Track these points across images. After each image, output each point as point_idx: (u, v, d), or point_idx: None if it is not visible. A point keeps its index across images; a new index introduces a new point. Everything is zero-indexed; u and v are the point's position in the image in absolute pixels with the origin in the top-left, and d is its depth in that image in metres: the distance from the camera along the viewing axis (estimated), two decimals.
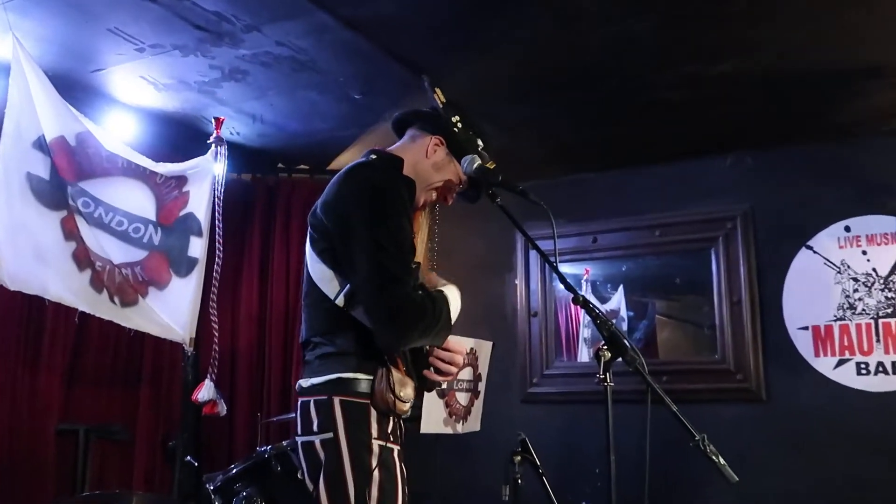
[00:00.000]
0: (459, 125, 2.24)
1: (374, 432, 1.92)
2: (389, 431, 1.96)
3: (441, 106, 2.26)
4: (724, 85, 3.66)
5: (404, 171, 2.16)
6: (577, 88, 3.77)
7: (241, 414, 4.53)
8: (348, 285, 1.97)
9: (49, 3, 3.05)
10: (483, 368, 4.63)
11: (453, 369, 2.13)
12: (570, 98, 3.89)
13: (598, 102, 3.93)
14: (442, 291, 2.03)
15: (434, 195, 2.23)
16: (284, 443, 3.61)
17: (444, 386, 2.31)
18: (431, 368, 2.10)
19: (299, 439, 1.99)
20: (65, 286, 3.23)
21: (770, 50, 3.34)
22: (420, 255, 2.14)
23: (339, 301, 1.99)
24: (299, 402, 2.01)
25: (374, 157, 2.17)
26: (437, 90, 2.29)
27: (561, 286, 5.05)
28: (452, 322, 2.03)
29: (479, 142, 2.26)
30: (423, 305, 1.90)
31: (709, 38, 3.24)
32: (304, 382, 2.01)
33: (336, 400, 1.93)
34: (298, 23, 3.15)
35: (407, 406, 1.97)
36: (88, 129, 3.44)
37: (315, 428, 1.94)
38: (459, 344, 2.16)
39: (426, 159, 2.20)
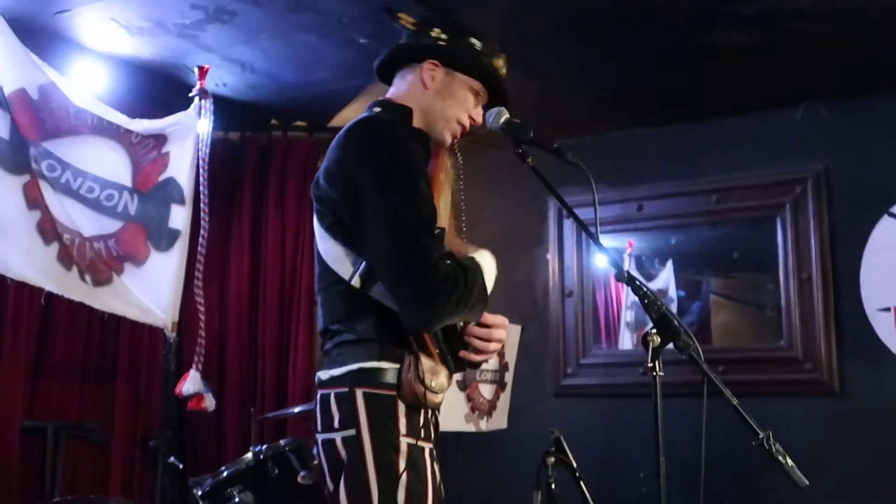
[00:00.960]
0: (444, 36, 2.21)
1: (403, 428, 1.93)
2: (420, 427, 1.97)
3: (414, 30, 2.25)
4: (801, 23, 3.62)
5: (415, 119, 2.17)
6: (626, 27, 3.73)
7: (230, 409, 4.57)
8: (363, 263, 1.97)
9: None
10: (510, 357, 4.68)
11: (492, 346, 2.12)
12: (617, 39, 3.85)
13: (650, 45, 3.90)
14: (473, 259, 2.02)
15: (458, 127, 2.22)
16: (282, 442, 3.64)
17: (489, 363, 2.30)
18: (469, 348, 2.09)
19: (319, 437, 2.01)
20: (29, 262, 3.25)
21: None
22: (444, 220, 2.13)
23: (355, 282, 1.99)
24: (319, 395, 2.03)
25: (378, 109, 2.17)
26: (401, 15, 2.28)
27: (599, 262, 5.11)
28: (489, 292, 2.03)
29: (474, 41, 2.23)
30: (453, 276, 1.89)
31: None
32: (323, 374, 2.03)
33: (359, 392, 1.94)
34: None
35: (440, 397, 1.98)
36: (53, 81, 3.45)
37: (336, 424, 1.96)
38: (497, 317, 2.14)
39: (427, 91, 2.19)
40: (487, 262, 2.07)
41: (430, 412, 2.02)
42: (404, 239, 1.87)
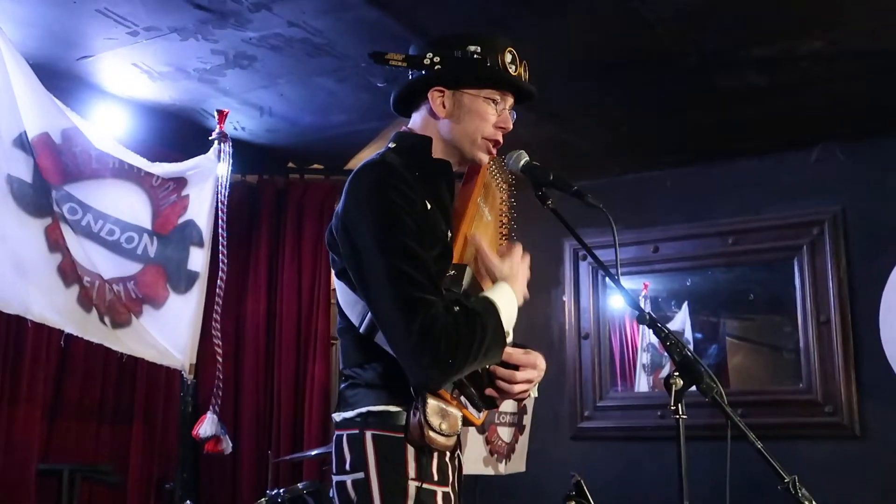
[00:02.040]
0: (436, 59, 2.12)
1: (412, 472, 1.91)
2: (434, 470, 1.94)
3: (406, 64, 2.16)
4: (814, 65, 3.65)
5: (437, 147, 2.12)
6: (641, 70, 3.77)
7: (246, 451, 4.56)
8: (370, 312, 1.96)
9: None
10: (528, 399, 4.65)
11: (516, 388, 2.06)
12: (632, 81, 3.90)
13: (665, 86, 3.94)
14: (487, 297, 1.95)
15: (487, 143, 2.12)
16: (300, 485, 3.63)
17: (507, 405, 2.21)
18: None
19: (334, 478, 2.00)
20: (49, 304, 3.27)
21: (870, 23, 3.32)
22: (489, 241, 2.09)
23: (363, 329, 1.99)
24: (334, 437, 2.03)
25: (392, 145, 2.15)
26: (388, 56, 2.21)
27: (614, 304, 5.10)
28: (508, 329, 1.95)
29: (471, 48, 2.11)
30: (455, 328, 1.82)
31: (798, 8, 3.23)
32: (337, 416, 2.02)
33: (368, 435, 1.92)
34: None
35: (450, 440, 1.94)
36: (75, 125, 3.49)
37: (347, 466, 1.94)
38: (528, 357, 2.07)
39: (442, 119, 2.11)
40: (505, 297, 1.98)
41: (447, 455, 1.99)
42: (400, 299, 1.82)
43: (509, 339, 1.99)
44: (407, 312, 1.81)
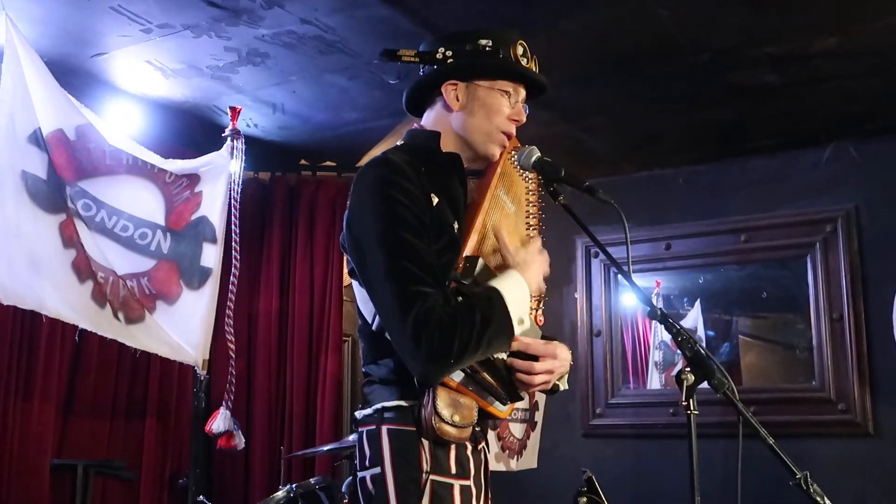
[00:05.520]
0: (449, 53, 2.13)
1: (427, 465, 1.92)
2: (452, 463, 1.95)
3: (418, 60, 2.17)
4: (828, 62, 3.65)
5: (448, 142, 2.12)
6: (654, 68, 3.77)
7: (258, 447, 4.57)
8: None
9: None
10: (540, 395, 4.66)
11: (537, 380, 2.04)
12: (645, 79, 3.90)
13: (678, 84, 3.94)
14: (491, 286, 1.93)
15: (501, 136, 2.14)
16: (312, 480, 3.64)
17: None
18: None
19: (357, 475, 2.03)
20: (63, 300, 3.30)
21: (882, 19, 3.32)
22: (510, 232, 2.08)
23: (375, 327, 2.00)
24: (356, 434, 2.05)
25: (400, 142, 2.16)
26: (401, 53, 2.21)
27: (626, 301, 5.10)
28: (520, 317, 1.94)
29: (483, 41, 2.14)
30: (451, 319, 1.82)
31: (810, 5, 3.23)
32: (358, 414, 2.04)
33: (384, 430, 1.94)
34: None
35: (465, 431, 1.94)
36: (89, 122, 3.52)
37: (367, 462, 1.97)
38: (547, 346, 2.06)
39: (455, 112, 2.12)
40: (512, 284, 1.96)
41: (468, 447, 2.00)
42: (397, 293, 1.84)
43: (523, 327, 1.97)
44: (402, 305, 1.83)
